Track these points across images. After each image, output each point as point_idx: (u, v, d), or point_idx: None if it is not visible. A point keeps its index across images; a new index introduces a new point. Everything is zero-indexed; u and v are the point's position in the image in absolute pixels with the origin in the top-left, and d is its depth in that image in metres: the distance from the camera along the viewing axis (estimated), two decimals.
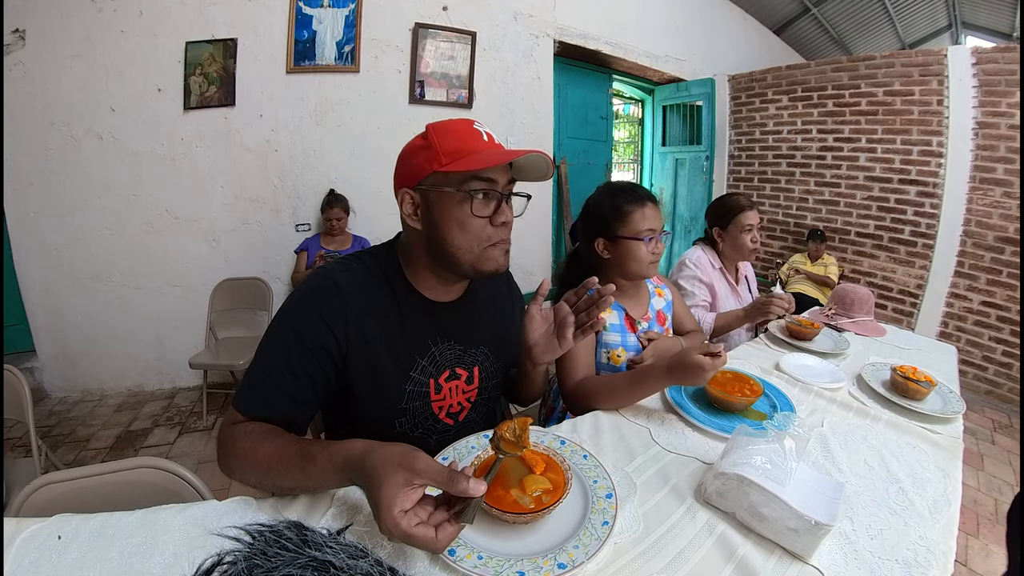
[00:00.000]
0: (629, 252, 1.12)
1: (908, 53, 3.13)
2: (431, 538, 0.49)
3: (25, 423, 1.29)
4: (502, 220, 0.76)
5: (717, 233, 1.65)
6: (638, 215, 1.11)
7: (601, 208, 1.15)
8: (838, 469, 0.79)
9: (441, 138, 0.73)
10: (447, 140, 0.73)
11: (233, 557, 0.46)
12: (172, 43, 2.44)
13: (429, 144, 0.74)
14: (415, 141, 0.77)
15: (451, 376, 0.85)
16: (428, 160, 0.73)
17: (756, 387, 0.98)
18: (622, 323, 1.17)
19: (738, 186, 4.15)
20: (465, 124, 0.76)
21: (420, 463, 0.51)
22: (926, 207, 3.11)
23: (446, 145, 0.72)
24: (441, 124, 0.76)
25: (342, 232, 2.70)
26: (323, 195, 2.73)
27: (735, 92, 4.06)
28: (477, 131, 0.75)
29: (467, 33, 2.97)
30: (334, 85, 2.73)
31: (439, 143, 0.73)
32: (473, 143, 0.73)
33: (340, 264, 0.81)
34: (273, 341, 0.74)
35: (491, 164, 0.72)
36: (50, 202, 2.41)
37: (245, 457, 0.65)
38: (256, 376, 0.72)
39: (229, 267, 2.70)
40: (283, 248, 2.79)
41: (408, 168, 0.76)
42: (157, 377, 2.75)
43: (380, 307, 0.78)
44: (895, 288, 3.31)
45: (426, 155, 0.73)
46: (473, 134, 0.74)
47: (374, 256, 0.83)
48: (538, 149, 0.74)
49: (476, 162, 0.71)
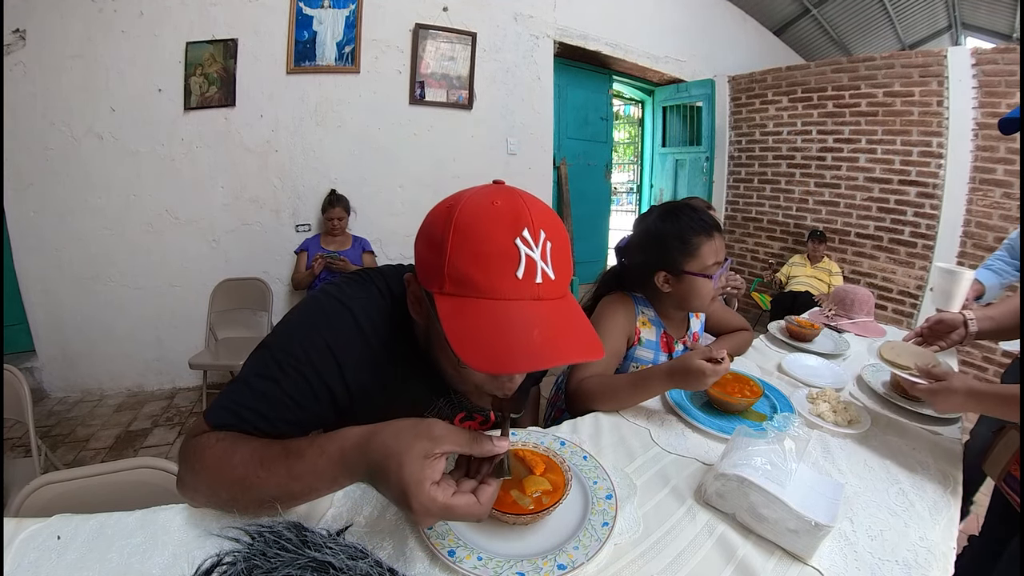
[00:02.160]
0: (694, 289, 1.02)
1: (908, 54, 3.13)
2: (474, 503, 0.45)
3: (25, 423, 1.28)
4: (505, 391, 0.58)
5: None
6: (707, 249, 1.00)
7: (666, 238, 1.02)
8: (838, 470, 0.79)
9: (457, 249, 0.49)
10: (461, 256, 0.49)
11: (232, 558, 0.46)
12: (172, 43, 2.44)
13: (443, 250, 0.49)
14: (435, 222, 0.53)
15: (466, 417, 0.80)
16: (434, 269, 0.51)
17: (756, 388, 0.97)
18: (658, 341, 1.11)
19: (738, 187, 4.16)
20: (502, 229, 0.48)
21: (438, 429, 0.46)
22: (926, 208, 3.11)
23: (459, 262, 0.49)
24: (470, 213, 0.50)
25: (342, 232, 2.70)
26: (323, 196, 2.73)
27: (735, 93, 4.06)
28: (515, 252, 0.48)
29: (467, 34, 2.98)
30: (334, 85, 2.74)
31: (452, 253, 0.49)
32: (496, 280, 0.48)
33: (358, 288, 0.65)
34: (268, 362, 0.59)
35: (504, 371, 0.52)
36: (50, 202, 2.41)
37: (216, 466, 0.52)
38: (241, 396, 0.58)
39: (229, 267, 2.70)
40: (283, 249, 2.79)
41: (416, 254, 0.56)
42: (157, 377, 2.75)
43: (398, 348, 0.65)
44: (895, 289, 3.31)
45: (434, 261, 0.51)
46: (504, 260, 0.48)
47: (390, 289, 0.66)
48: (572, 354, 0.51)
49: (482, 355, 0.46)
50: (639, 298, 1.10)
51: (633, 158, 5.12)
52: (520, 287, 0.48)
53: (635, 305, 1.09)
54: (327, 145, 2.79)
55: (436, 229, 0.52)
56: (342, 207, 2.67)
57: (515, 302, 0.48)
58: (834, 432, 0.90)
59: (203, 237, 2.67)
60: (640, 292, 1.11)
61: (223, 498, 0.54)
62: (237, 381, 0.59)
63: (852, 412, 0.95)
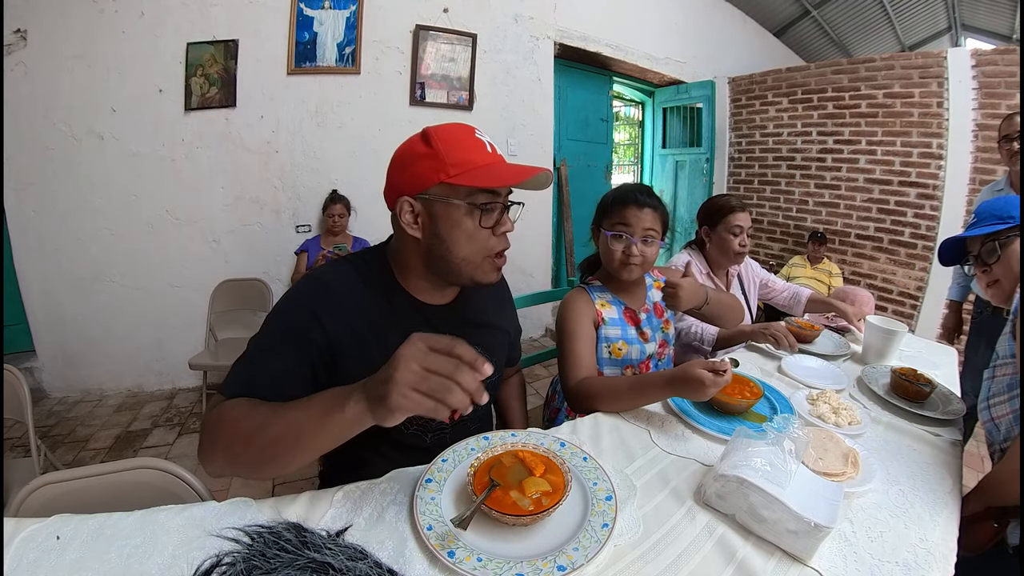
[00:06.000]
0: (604, 246, 1.15)
1: (908, 55, 3.13)
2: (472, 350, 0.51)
3: (24, 423, 1.28)
4: (504, 230, 0.77)
5: (705, 232, 1.61)
6: (616, 211, 1.12)
7: (601, 202, 1.20)
8: None
9: (447, 147, 0.71)
10: (453, 150, 0.71)
11: (232, 558, 0.46)
12: (173, 44, 2.45)
13: (434, 153, 0.71)
14: (415, 148, 0.74)
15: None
16: (433, 170, 0.71)
17: (756, 389, 0.98)
18: (621, 317, 1.17)
19: (738, 188, 4.16)
20: (467, 132, 0.75)
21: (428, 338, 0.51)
22: (926, 209, 3.11)
23: (452, 156, 0.71)
24: (444, 131, 0.74)
25: (343, 232, 2.70)
26: (323, 196, 2.74)
27: (735, 94, 4.06)
28: (481, 141, 0.75)
29: (468, 35, 2.98)
30: (335, 87, 2.74)
31: (445, 152, 0.71)
32: (479, 155, 0.73)
33: (330, 266, 0.81)
34: (263, 339, 0.72)
35: (507, 184, 0.73)
36: (50, 202, 2.42)
37: (233, 423, 0.60)
38: (247, 371, 0.69)
39: (229, 268, 2.70)
40: (283, 249, 2.79)
41: (408, 176, 0.74)
42: (157, 378, 2.74)
43: (372, 307, 0.77)
44: (895, 290, 3.31)
45: (431, 164, 0.71)
46: (477, 144, 0.74)
47: (364, 260, 0.82)
48: (542, 167, 0.74)
49: (489, 179, 0.71)
50: (593, 287, 1.20)
51: (633, 159, 5.11)
52: (492, 156, 0.75)
53: (589, 293, 1.17)
54: (327, 146, 2.79)
55: (419, 148, 0.74)
56: (343, 205, 2.67)
57: (493, 161, 0.74)
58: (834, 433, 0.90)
59: (203, 238, 2.67)
60: (598, 279, 1.23)
61: (237, 452, 0.59)
62: (242, 358, 0.71)
63: (852, 413, 0.95)
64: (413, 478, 0.70)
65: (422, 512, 0.62)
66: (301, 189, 2.78)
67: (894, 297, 3.31)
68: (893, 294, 3.32)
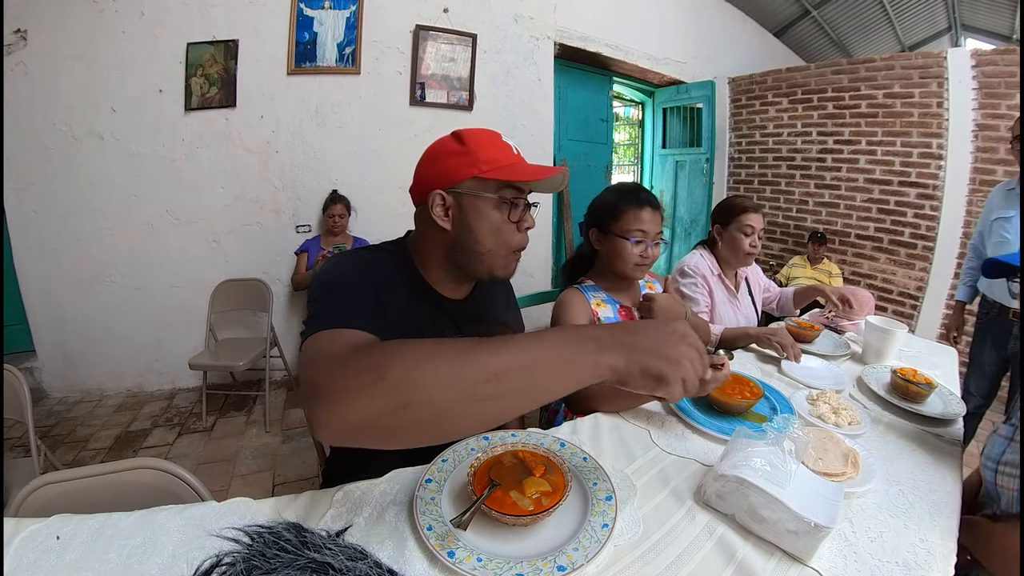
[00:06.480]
0: (616, 249, 1.16)
1: (908, 55, 3.13)
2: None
3: (24, 423, 1.28)
4: (527, 226, 0.83)
5: (717, 231, 1.61)
6: (631, 215, 1.13)
7: (603, 202, 1.20)
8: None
9: (479, 146, 0.77)
10: (484, 149, 0.77)
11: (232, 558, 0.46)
12: (173, 44, 2.45)
13: (467, 150, 0.77)
14: (447, 146, 0.80)
15: None
16: (466, 165, 0.76)
17: (756, 389, 0.98)
18: (616, 315, 1.18)
19: (738, 188, 4.15)
20: (495, 135, 0.81)
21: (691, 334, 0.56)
22: (926, 209, 3.11)
23: (484, 153, 0.77)
24: (474, 132, 0.80)
25: (343, 232, 2.70)
26: (323, 197, 2.74)
27: (735, 94, 4.06)
28: (507, 144, 0.81)
29: (468, 35, 2.98)
30: (335, 87, 2.74)
31: (477, 150, 0.77)
32: (506, 155, 0.79)
33: (360, 248, 0.85)
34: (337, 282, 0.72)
35: (534, 178, 0.78)
36: (50, 202, 2.42)
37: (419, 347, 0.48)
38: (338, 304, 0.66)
39: (229, 268, 2.70)
40: (283, 249, 2.79)
41: (440, 170, 0.78)
42: (157, 378, 2.74)
43: (403, 289, 0.81)
44: (895, 290, 3.31)
45: (463, 160, 0.77)
46: (505, 146, 0.80)
47: (386, 250, 0.86)
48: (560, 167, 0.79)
49: (518, 174, 0.77)
50: (587, 286, 1.21)
51: (633, 160, 5.11)
52: (517, 156, 0.81)
53: (584, 292, 1.19)
54: (327, 146, 2.79)
55: (451, 146, 0.79)
56: (343, 205, 2.67)
57: (519, 161, 0.80)
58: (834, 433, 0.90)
59: (203, 238, 2.67)
60: (590, 279, 1.24)
61: (428, 388, 0.45)
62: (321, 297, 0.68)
63: (852, 413, 0.95)
64: (413, 478, 0.70)
65: (422, 512, 0.62)
66: (301, 189, 2.78)
67: (894, 297, 3.31)
68: (893, 294, 3.32)
